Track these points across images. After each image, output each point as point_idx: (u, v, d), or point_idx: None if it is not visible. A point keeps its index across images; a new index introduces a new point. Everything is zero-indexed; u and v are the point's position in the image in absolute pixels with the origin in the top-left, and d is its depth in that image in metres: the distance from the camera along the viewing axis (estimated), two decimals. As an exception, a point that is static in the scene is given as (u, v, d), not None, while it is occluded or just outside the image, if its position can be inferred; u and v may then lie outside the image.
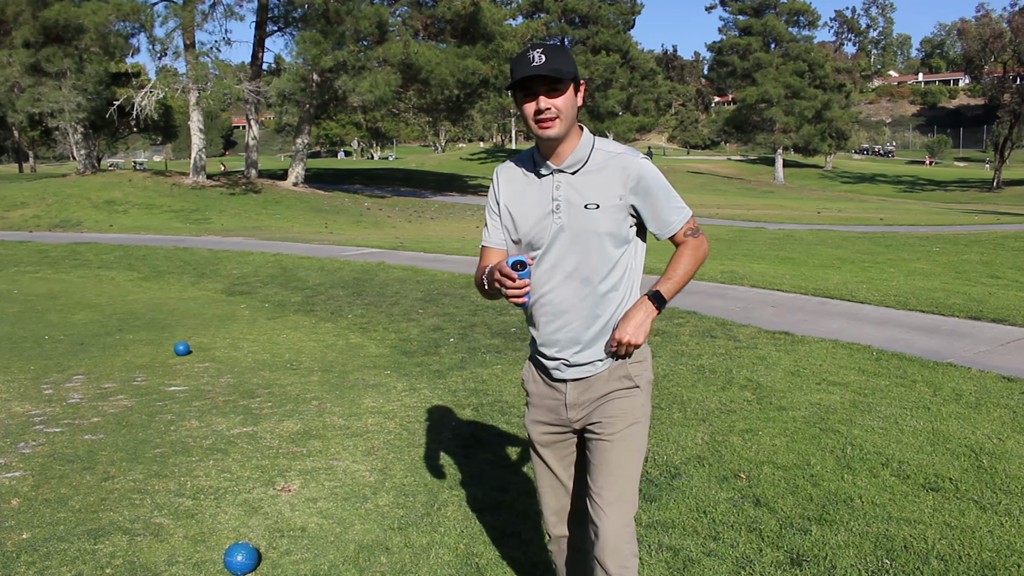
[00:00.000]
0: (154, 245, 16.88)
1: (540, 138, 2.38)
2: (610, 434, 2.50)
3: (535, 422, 2.65)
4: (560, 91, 2.34)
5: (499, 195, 2.58)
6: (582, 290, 2.46)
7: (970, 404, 5.46)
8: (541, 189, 2.48)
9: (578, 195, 2.43)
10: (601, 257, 2.44)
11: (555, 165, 2.45)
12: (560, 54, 2.34)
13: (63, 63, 27.22)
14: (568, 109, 2.36)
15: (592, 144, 2.47)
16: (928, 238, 18.10)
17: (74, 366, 7.13)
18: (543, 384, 2.62)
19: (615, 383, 2.53)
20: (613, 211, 2.41)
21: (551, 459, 2.67)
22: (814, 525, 3.71)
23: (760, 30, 58.89)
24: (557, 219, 2.43)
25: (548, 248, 2.46)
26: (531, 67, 2.29)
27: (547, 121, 2.34)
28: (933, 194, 50.25)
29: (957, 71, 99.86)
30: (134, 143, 65.70)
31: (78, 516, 3.96)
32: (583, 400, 2.54)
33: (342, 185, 35.98)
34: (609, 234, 2.43)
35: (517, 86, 2.35)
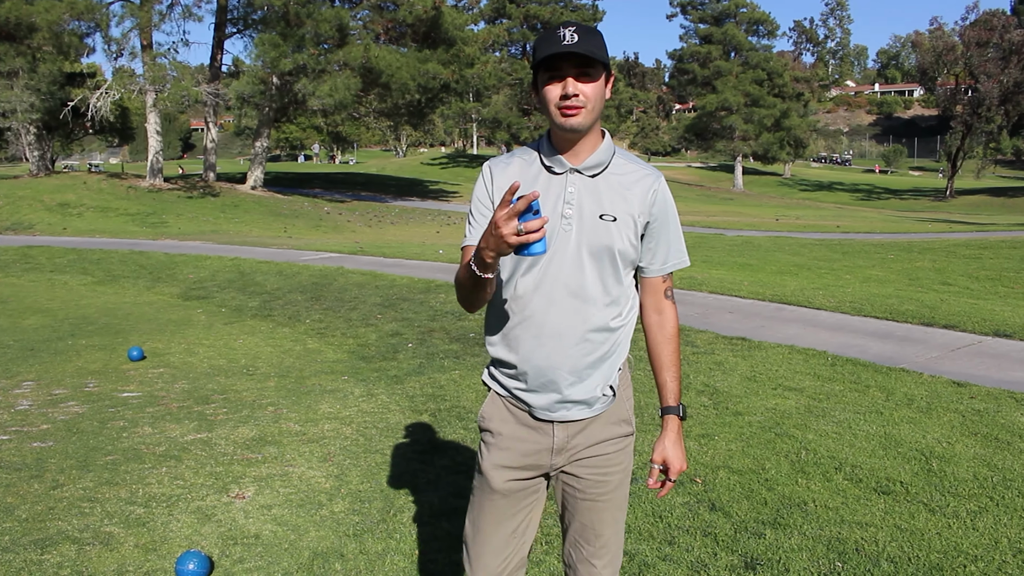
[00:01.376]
0: (109, 249, 16.60)
1: (561, 128, 2.06)
2: (603, 494, 2.23)
3: (500, 467, 2.22)
4: (592, 77, 2.03)
5: (492, 186, 2.20)
6: (584, 311, 2.12)
7: (921, 408, 5.56)
8: (550, 188, 2.13)
9: (594, 202, 2.11)
10: (612, 278, 2.14)
11: (572, 164, 2.12)
12: (595, 37, 2.04)
13: (15, 62, 26.69)
14: (597, 100, 2.06)
15: (613, 150, 2.18)
16: (883, 245, 18.41)
17: (24, 372, 6.98)
18: (518, 424, 2.22)
19: (613, 428, 2.23)
20: (628, 229, 2.12)
21: (509, 510, 2.25)
22: (768, 529, 3.75)
23: (720, 39, 59.53)
24: (566, 226, 2.10)
25: (549, 257, 2.11)
26: (561, 45, 1.99)
27: (573, 109, 2.02)
28: (888, 202, 51.17)
29: (912, 82, 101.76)
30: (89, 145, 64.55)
31: (25, 526, 3.87)
32: (573, 444, 2.21)
33: (302, 189, 35.71)
34: (621, 253, 2.12)
35: (542, 65, 2.03)
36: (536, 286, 2.12)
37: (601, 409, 2.20)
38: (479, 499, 2.28)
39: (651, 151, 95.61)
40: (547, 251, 2.05)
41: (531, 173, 2.17)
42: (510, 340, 2.17)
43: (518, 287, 2.14)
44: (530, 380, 2.16)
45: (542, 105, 2.09)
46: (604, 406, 2.20)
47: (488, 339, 2.26)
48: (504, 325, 2.19)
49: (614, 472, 2.24)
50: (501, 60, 50.62)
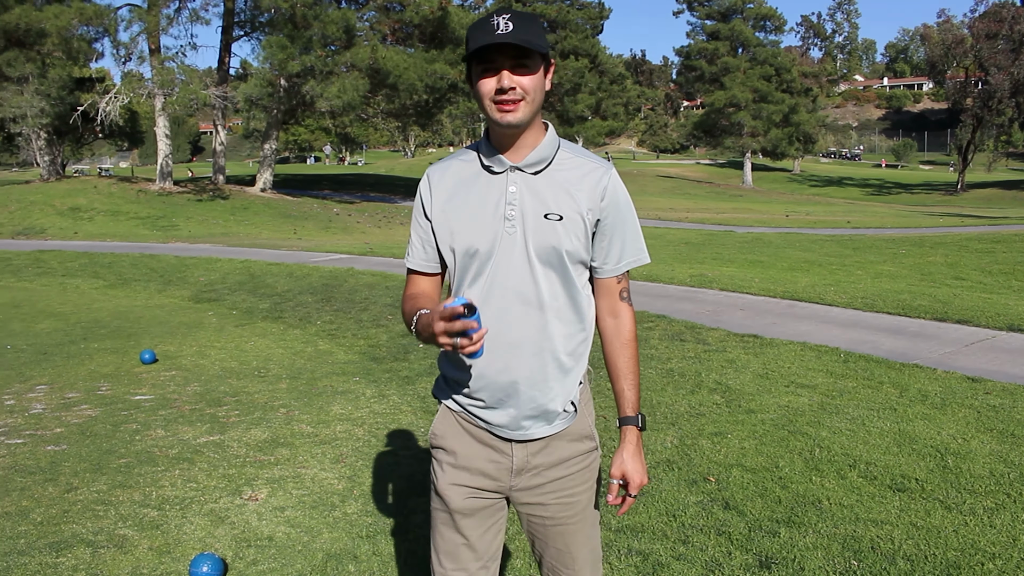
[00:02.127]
0: (120, 252, 16.66)
1: (498, 124, 1.92)
2: (573, 516, 2.09)
3: (456, 486, 2.07)
4: (529, 68, 1.89)
5: (430, 203, 2.06)
6: (539, 319, 1.98)
7: (936, 405, 5.52)
8: (490, 189, 2.00)
9: (538, 201, 1.97)
10: (562, 281, 1.99)
11: (512, 162, 1.98)
12: (531, 23, 1.89)
13: (25, 68, 26.80)
14: (536, 92, 1.91)
15: (558, 144, 2.04)
16: (894, 240, 18.33)
17: (37, 376, 7.01)
18: (474, 442, 2.07)
19: (576, 445, 2.08)
20: (576, 227, 1.97)
21: (473, 531, 2.09)
22: (782, 527, 3.73)
23: (727, 35, 59.36)
24: (510, 228, 1.96)
25: (496, 263, 1.97)
26: (495, 35, 1.84)
27: (509, 104, 1.88)
28: (899, 197, 50.95)
29: (921, 76, 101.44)
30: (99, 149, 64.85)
31: (40, 529, 3.88)
32: (534, 463, 2.06)
33: (311, 191, 35.76)
34: (569, 253, 1.97)
35: (475, 57, 1.88)
36: (485, 296, 1.98)
37: (562, 426, 2.05)
38: (440, 522, 2.12)
39: (659, 148, 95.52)
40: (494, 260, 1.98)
41: (470, 175, 2.04)
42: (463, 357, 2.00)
43: (474, 295, 2.01)
44: (486, 396, 2.01)
45: (476, 100, 1.95)
46: (565, 422, 2.06)
47: (440, 354, 2.11)
48: None
49: (580, 492, 2.10)
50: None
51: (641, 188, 53.28)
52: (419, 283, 2.13)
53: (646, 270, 12.76)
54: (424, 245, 2.10)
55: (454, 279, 2.07)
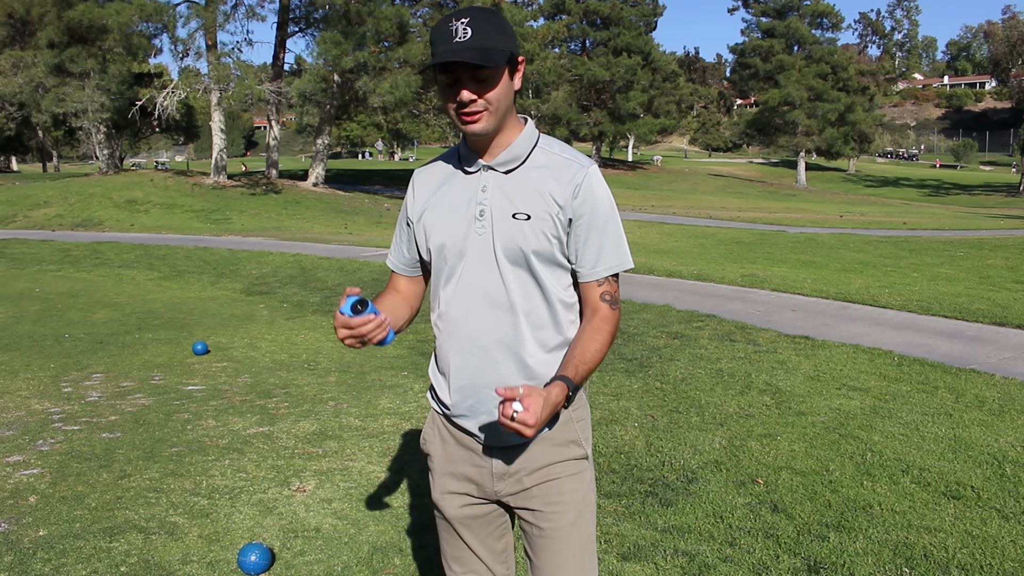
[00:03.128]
0: (174, 245, 16.98)
1: (464, 133, 1.92)
2: (558, 528, 1.98)
3: (449, 494, 2.05)
4: (489, 79, 1.82)
5: (413, 205, 2.06)
6: (507, 321, 1.92)
7: (993, 411, 5.39)
8: (464, 188, 1.98)
9: (507, 200, 1.93)
10: (534, 282, 1.93)
11: (485, 161, 1.95)
12: (491, 24, 1.81)
13: (87, 63, 27.46)
14: (501, 100, 1.85)
15: (535, 141, 1.98)
16: (952, 243, 17.92)
17: (93, 364, 7.17)
18: (456, 445, 2.04)
19: (559, 450, 1.98)
20: (545, 226, 1.90)
21: (475, 541, 2.06)
22: (832, 532, 3.66)
23: (783, 32, 58.56)
24: (480, 228, 1.93)
25: (466, 263, 1.95)
26: (453, 43, 1.78)
27: (472, 115, 1.85)
28: (958, 198, 49.81)
29: (983, 74, 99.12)
30: (156, 143, 66.19)
31: (94, 514, 3.97)
32: (515, 469, 1.99)
33: (362, 186, 36.09)
34: (538, 254, 1.90)
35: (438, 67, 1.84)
36: (454, 296, 1.96)
37: (542, 431, 1.95)
38: (443, 530, 2.10)
39: (712, 147, 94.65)
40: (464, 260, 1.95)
41: (448, 175, 2.03)
42: (442, 357, 2.01)
43: (441, 300, 2.00)
44: (459, 400, 1.98)
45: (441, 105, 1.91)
46: (545, 428, 1.96)
47: (431, 360, 2.11)
48: (437, 342, 2.04)
49: (566, 502, 1.98)
50: (560, 56, 50.47)
51: (693, 186, 52.84)
52: (395, 282, 2.17)
53: (696, 269, 12.64)
54: (404, 247, 2.12)
55: (431, 279, 2.07)
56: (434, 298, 2.04)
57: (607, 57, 55.65)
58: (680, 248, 18.21)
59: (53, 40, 27.47)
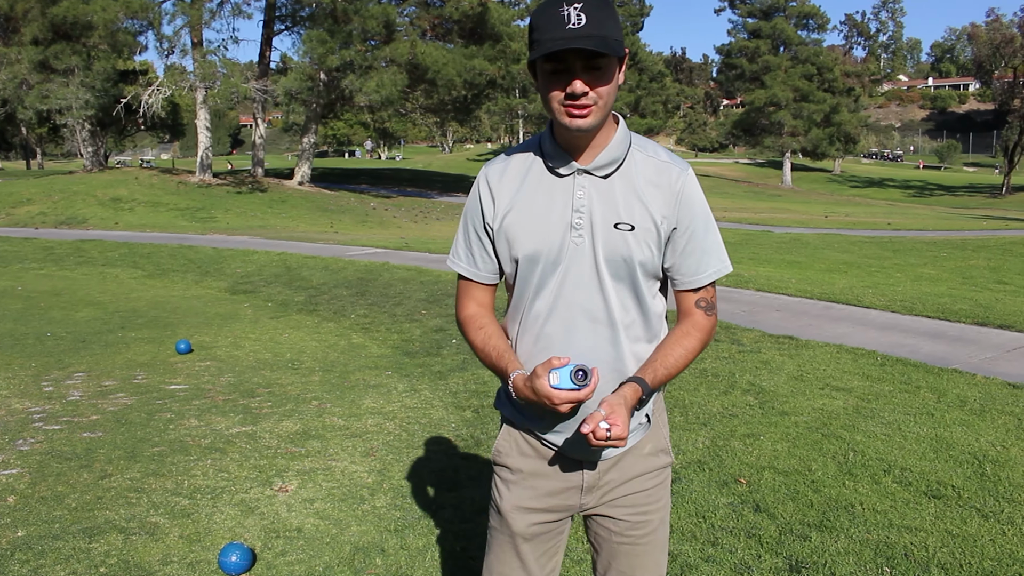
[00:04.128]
0: (159, 243, 16.89)
1: (566, 128, 1.73)
2: (643, 536, 1.95)
3: (521, 509, 1.95)
4: (603, 70, 1.67)
5: (492, 210, 1.88)
6: (608, 336, 1.82)
7: (974, 411, 5.42)
8: (556, 193, 1.81)
9: (608, 208, 1.78)
10: (633, 295, 1.83)
11: (580, 164, 1.79)
12: (605, 12, 1.64)
13: (71, 60, 27.27)
14: (611, 95, 1.70)
15: (629, 141, 1.83)
16: (936, 243, 18.03)
17: (75, 363, 7.12)
18: (540, 460, 1.93)
19: (650, 459, 1.94)
20: (649, 236, 1.79)
21: (532, 556, 1.98)
22: (814, 531, 3.68)
23: (769, 33, 58.77)
24: (577, 237, 1.79)
25: (562, 274, 1.81)
26: (566, 30, 1.61)
27: (581, 109, 1.68)
28: (942, 199, 50.15)
29: (967, 76, 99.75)
30: (141, 141, 65.87)
31: (74, 514, 3.94)
32: (604, 481, 1.93)
33: (348, 185, 35.99)
34: (643, 266, 1.79)
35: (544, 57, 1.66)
36: (550, 310, 1.84)
37: (635, 440, 1.91)
38: (498, 543, 2.00)
39: (698, 147, 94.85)
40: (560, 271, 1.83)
41: (533, 176, 1.85)
42: None
43: (531, 311, 1.87)
44: (552, 418, 1.86)
45: (542, 97, 1.75)
46: (638, 436, 1.92)
47: None
48: (520, 355, 1.89)
49: (654, 511, 1.96)
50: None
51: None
52: (474, 293, 1.98)
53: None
54: (479, 254, 1.94)
55: (514, 289, 1.93)
56: (518, 309, 1.91)
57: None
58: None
59: (37, 36, 27.26)
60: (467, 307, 1.98)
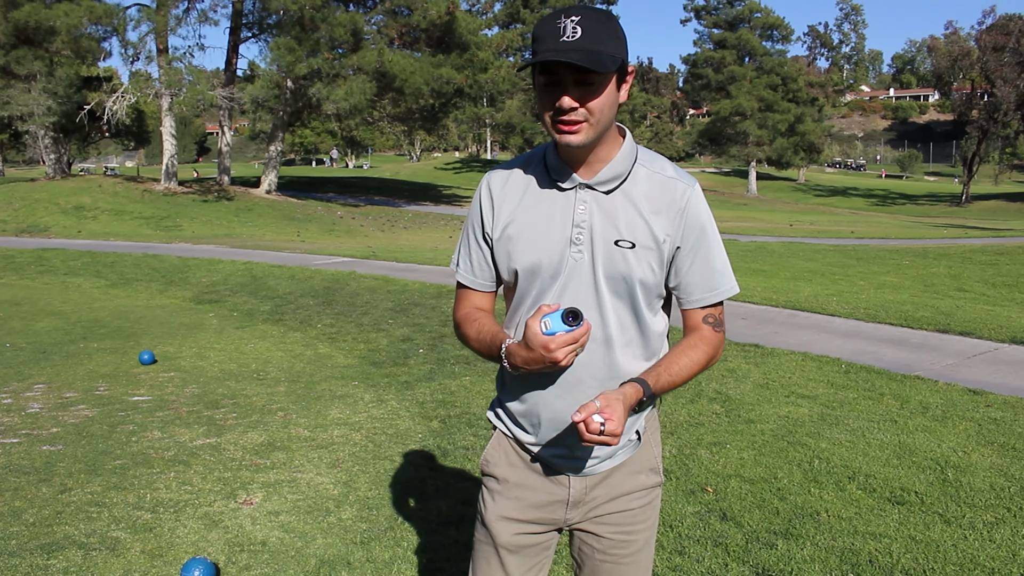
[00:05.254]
0: (123, 252, 16.66)
1: (559, 143, 1.74)
2: (626, 555, 1.93)
3: (505, 519, 1.93)
4: (595, 85, 1.65)
5: (493, 213, 1.87)
6: (604, 354, 1.80)
7: (936, 417, 5.49)
8: (557, 207, 1.80)
9: (610, 225, 1.77)
10: (632, 313, 1.81)
11: (581, 178, 1.78)
12: (604, 26, 1.65)
13: (33, 65, 26.88)
14: (604, 111, 1.68)
15: (635, 156, 1.82)
16: (898, 251, 18.29)
17: (35, 375, 6.99)
18: (528, 471, 1.93)
19: (639, 478, 1.92)
20: (652, 254, 1.77)
21: (516, 569, 1.95)
22: (780, 539, 3.70)
23: (734, 44, 59.40)
24: (576, 253, 1.78)
25: (560, 289, 1.80)
26: (559, 43, 1.61)
27: (571, 125, 1.67)
28: (904, 208, 50.91)
29: (927, 87, 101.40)
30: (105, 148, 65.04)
31: (32, 530, 3.86)
32: (592, 497, 1.92)
33: (315, 193, 35.80)
34: (643, 284, 1.78)
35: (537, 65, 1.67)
36: None
37: (624, 457, 1.90)
38: (482, 555, 1.98)
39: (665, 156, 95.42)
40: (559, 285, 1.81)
41: (535, 188, 1.84)
42: (521, 386, 1.86)
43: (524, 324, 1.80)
44: (545, 431, 1.86)
45: (538, 110, 1.75)
46: (628, 453, 1.90)
47: (499, 378, 1.97)
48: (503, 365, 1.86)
49: (640, 531, 1.94)
50: (515, 65, 50.59)
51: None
52: (472, 299, 1.96)
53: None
54: (479, 263, 1.93)
55: (513, 298, 1.92)
56: (513, 320, 1.90)
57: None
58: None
59: (-1, 41, 26.88)
60: (463, 308, 1.97)
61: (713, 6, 61.13)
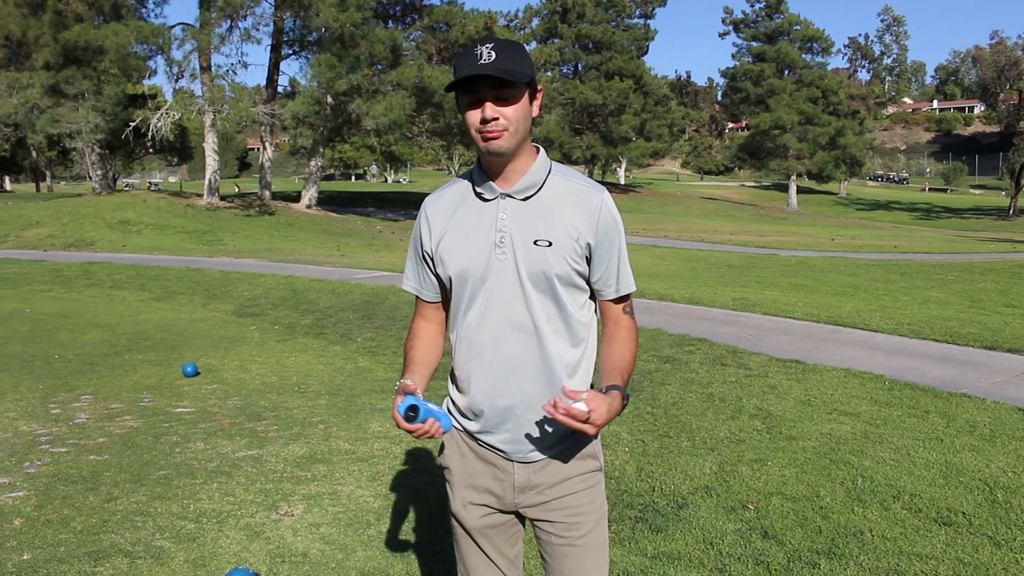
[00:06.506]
0: (166, 266, 16.94)
1: (485, 152, 1.98)
2: (579, 537, 2.11)
3: (469, 505, 2.15)
4: (511, 99, 1.93)
5: (428, 235, 2.12)
6: (534, 344, 2.02)
7: (984, 436, 5.38)
8: (482, 216, 2.05)
9: (528, 227, 2.01)
10: (555, 305, 2.03)
11: (502, 189, 2.03)
12: (514, 52, 1.93)
13: (82, 84, 27.54)
14: (520, 120, 1.95)
15: (548, 168, 2.06)
16: (943, 266, 17.99)
17: (82, 386, 7.12)
18: (477, 460, 2.14)
19: (579, 463, 2.11)
20: (568, 251, 2.00)
21: (492, 548, 2.17)
22: (823, 559, 3.65)
23: (773, 56, 59.06)
24: (501, 255, 2.01)
25: (489, 288, 2.03)
26: (477, 65, 1.89)
27: (493, 133, 1.93)
28: (949, 222, 50.07)
29: (972, 98, 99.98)
30: (150, 164, 66.28)
31: (79, 538, 3.93)
32: (536, 482, 2.10)
33: (355, 208, 36.11)
34: (561, 278, 2.01)
35: (459, 87, 1.93)
36: (480, 321, 2.05)
37: (564, 446, 2.09)
38: (461, 538, 2.20)
39: (703, 170, 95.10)
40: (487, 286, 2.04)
41: (463, 203, 2.09)
42: (464, 378, 2.09)
43: (464, 322, 2.08)
44: (485, 419, 2.08)
45: (466, 128, 2.01)
46: (568, 443, 2.09)
47: (449, 375, 2.19)
48: (458, 362, 2.11)
49: (587, 512, 2.12)
50: (553, 80, 50.75)
51: (685, 210, 53.03)
52: (422, 310, 2.23)
53: (688, 292, 12.66)
54: (422, 275, 2.18)
55: (451, 304, 2.14)
56: (455, 321, 2.12)
57: (599, 81, 55.99)
58: (671, 271, 18.24)
59: (49, 61, 27.54)
60: (415, 321, 2.25)
61: (752, 19, 60.88)
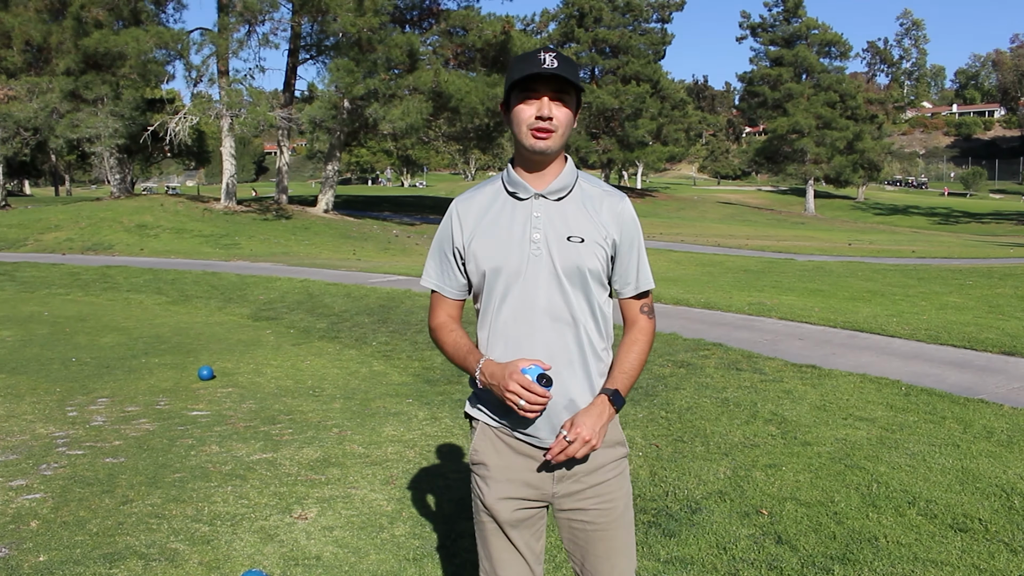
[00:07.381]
0: (183, 269, 17.05)
1: (530, 150, 2.10)
2: (610, 521, 2.22)
3: (504, 499, 2.20)
4: (566, 102, 2.09)
5: (460, 233, 2.23)
6: (571, 334, 2.14)
7: (1002, 442, 5.34)
8: (516, 214, 2.17)
9: (561, 225, 2.15)
10: (586, 297, 2.16)
11: (536, 189, 2.17)
12: (571, 63, 2.10)
13: (101, 89, 27.77)
14: (568, 125, 2.12)
15: (576, 175, 2.22)
16: (961, 271, 17.85)
17: (99, 389, 7.18)
18: (514, 454, 2.21)
19: (609, 451, 2.22)
20: (597, 248, 2.15)
21: (521, 541, 2.23)
22: (837, 564, 3.63)
23: (791, 61, 58.83)
24: (536, 250, 2.13)
25: (524, 283, 2.14)
26: (541, 67, 2.03)
27: (545, 132, 2.07)
28: (967, 226, 49.69)
29: (992, 102, 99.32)
30: (167, 168, 66.75)
31: (95, 539, 3.95)
32: (574, 472, 2.21)
33: (371, 212, 36.21)
34: (592, 272, 2.14)
35: (518, 85, 2.07)
36: (514, 315, 2.15)
37: None
38: (489, 533, 2.25)
39: (720, 174, 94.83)
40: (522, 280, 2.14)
41: (496, 203, 2.21)
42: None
43: (499, 317, 2.17)
44: (519, 415, 2.11)
45: (512, 125, 2.13)
46: None
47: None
48: (494, 356, 2.16)
49: (618, 497, 2.23)
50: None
51: (701, 214, 52.87)
52: (444, 306, 2.32)
53: (704, 297, 12.63)
54: (447, 272, 2.28)
55: (482, 300, 2.22)
56: (486, 317, 2.21)
57: (616, 85, 55.95)
58: (688, 276, 18.19)
59: (69, 67, 27.78)
60: (438, 316, 2.33)
61: (769, 23, 60.69)
